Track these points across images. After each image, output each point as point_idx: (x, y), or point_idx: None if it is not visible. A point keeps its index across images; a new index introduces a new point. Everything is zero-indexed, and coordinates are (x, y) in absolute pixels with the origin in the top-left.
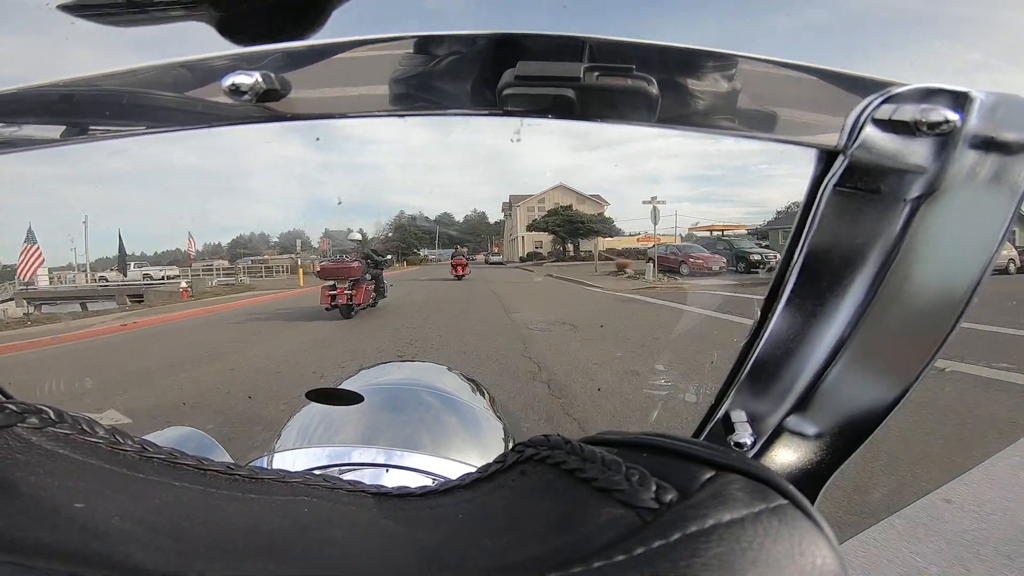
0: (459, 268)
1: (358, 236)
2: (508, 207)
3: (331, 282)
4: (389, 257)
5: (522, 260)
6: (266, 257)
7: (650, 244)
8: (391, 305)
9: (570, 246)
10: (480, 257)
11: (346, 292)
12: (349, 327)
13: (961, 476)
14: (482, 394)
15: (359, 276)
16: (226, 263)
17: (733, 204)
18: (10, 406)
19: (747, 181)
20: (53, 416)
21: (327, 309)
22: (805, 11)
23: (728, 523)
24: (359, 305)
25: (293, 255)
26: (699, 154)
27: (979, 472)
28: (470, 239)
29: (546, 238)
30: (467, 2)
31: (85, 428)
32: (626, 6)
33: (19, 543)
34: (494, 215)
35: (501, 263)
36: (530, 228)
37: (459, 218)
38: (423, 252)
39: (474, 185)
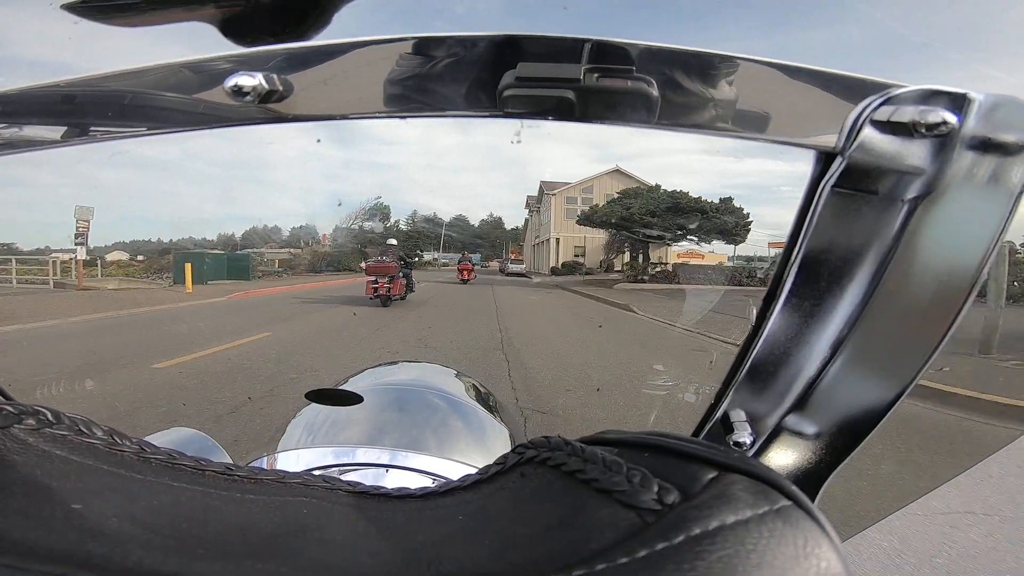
0: (465, 273)
1: (394, 241)
2: (536, 200)
3: (374, 277)
4: (417, 260)
5: (555, 272)
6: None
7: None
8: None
9: (619, 256)
10: (495, 264)
11: (385, 285)
12: None
13: (958, 477)
14: (484, 396)
15: (395, 273)
16: None
17: (755, 224)
18: (7, 407)
19: (767, 200)
20: (50, 417)
21: (371, 299)
22: (805, 12)
23: (732, 525)
24: (394, 296)
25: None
26: (722, 172)
27: (975, 473)
28: (481, 243)
29: (593, 242)
30: (468, 4)
31: (83, 429)
32: (626, 8)
33: (16, 545)
34: (511, 221)
35: (523, 274)
36: (585, 221)
37: (474, 222)
38: (431, 255)
39: (491, 189)
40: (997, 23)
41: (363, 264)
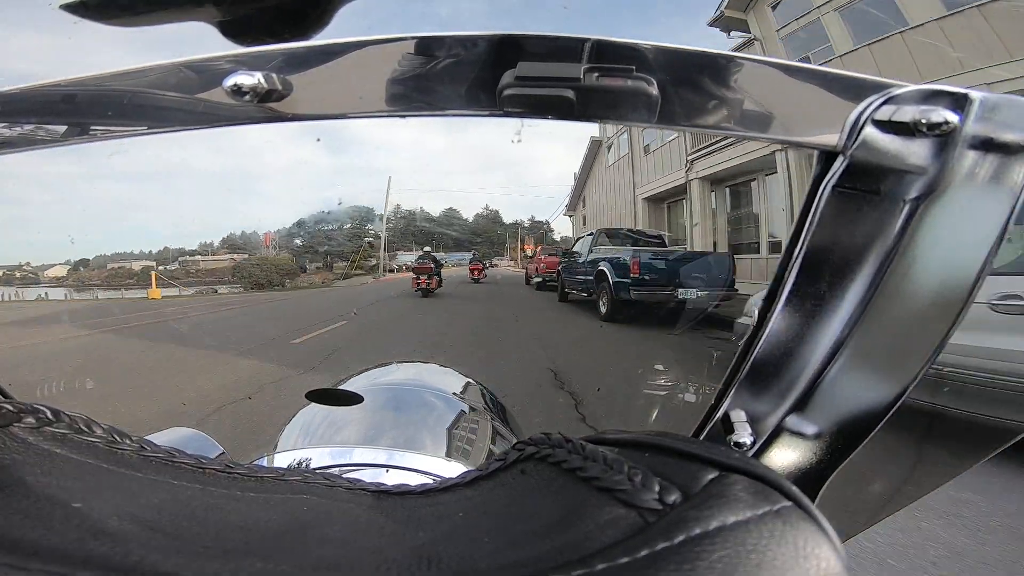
0: (476, 272)
1: (428, 248)
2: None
3: (416, 275)
4: (444, 261)
5: None
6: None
7: None
8: None
9: None
10: (504, 262)
11: (426, 281)
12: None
13: (961, 475)
14: (484, 395)
15: (431, 271)
16: None
17: None
18: (7, 406)
19: None
20: (50, 415)
21: (415, 291)
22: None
23: (732, 525)
24: (433, 289)
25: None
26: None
27: (979, 471)
28: (479, 240)
29: None
30: (468, 3)
31: (83, 427)
32: (626, 7)
33: (15, 544)
34: (509, 215)
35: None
36: None
37: (468, 216)
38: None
39: (486, 189)
40: (1000, 24)
41: (409, 264)
